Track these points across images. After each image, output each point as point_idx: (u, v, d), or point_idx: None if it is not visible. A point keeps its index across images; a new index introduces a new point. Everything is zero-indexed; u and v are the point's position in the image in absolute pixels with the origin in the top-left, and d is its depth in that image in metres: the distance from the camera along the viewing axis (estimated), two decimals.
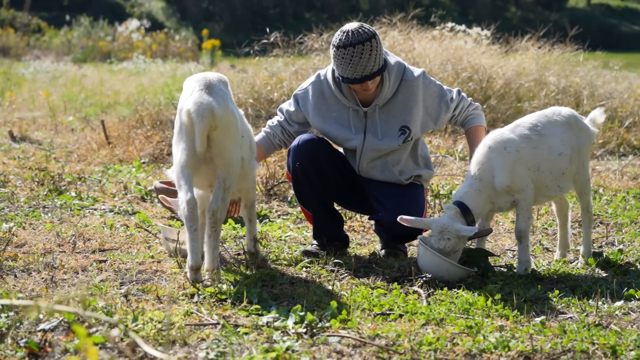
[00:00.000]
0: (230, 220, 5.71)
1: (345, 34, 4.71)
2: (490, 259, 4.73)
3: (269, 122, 5.12)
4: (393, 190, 4.98)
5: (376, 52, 4.70)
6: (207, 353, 3.30)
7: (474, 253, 4.65)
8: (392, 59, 4.90)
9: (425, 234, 4.78)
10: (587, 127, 4.82)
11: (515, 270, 4.66)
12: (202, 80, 4.21)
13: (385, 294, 4.23)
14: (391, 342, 3.49)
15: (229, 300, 3.98)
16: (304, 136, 4.94)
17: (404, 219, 4.55)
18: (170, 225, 5.31)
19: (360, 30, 4.70)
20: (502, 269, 4.75)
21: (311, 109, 4.98)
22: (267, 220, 6.05)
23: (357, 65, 4.70)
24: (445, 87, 5.00)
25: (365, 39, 4.68)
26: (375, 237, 5.56)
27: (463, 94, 5.02)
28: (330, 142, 5.05)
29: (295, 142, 4.94)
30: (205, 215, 4.37)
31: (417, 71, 4.93)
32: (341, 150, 5.12)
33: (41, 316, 3.51)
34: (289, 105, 5.08)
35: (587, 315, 3.92)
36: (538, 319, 3.78)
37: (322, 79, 4.98)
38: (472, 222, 4.52)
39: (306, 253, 4.94)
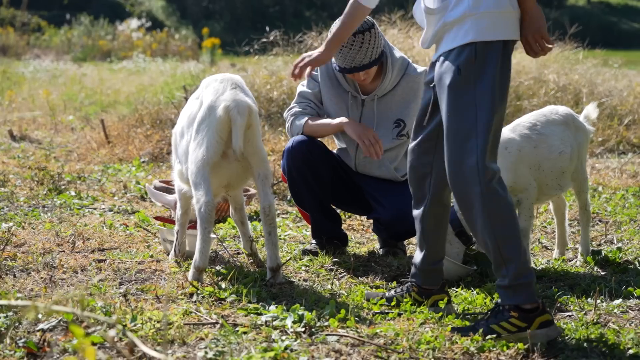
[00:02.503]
0: (229, 219, 5.71)
1: None
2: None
3: (297, 111, 5.00)
4: (390, 189, 4.99)
5: (368, 44, 4.72)
6: (206, 352, 3.30)
7: (481, 257, 4.64)
8: (397, 53, 4.93)
9: None
10: (583, 125, 4.84)
11: None
12: (230, 80, 4.31)
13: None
14: (390, 341, 3.50)
15: (228, 300, 3.98)
16: (297, 137, 4.94)
17: None
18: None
19: None
20: None
21: (321, 84, 4.99)
22: None
23: (346, 55, 4.73)
24: None
25: (359, 31, 4.70)
26: (374, 236, 5.57)
27: None
28: (324, 144, 5.06)
29: (289, 144, 4.94)
30: (237, 212, 4.65)
31: (420, 68, 4.96)
32: (335, 150, 5.12)
33: (40, 316, 3.52)
34: (305, 87, 5.03)
35: (585, 314, 3.93)
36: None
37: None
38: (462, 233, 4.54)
39: (305, 252, 4.95)
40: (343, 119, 4.88)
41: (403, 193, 4.96)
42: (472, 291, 4.21)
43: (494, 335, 3.49)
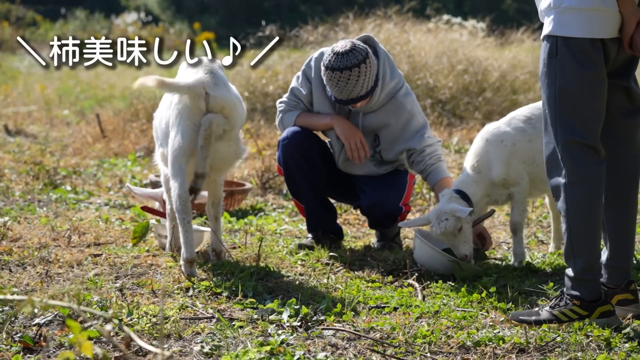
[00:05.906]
0: (225, 213, 5.71)
1: (335, 56, 4.66)
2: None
3: (287, 109, 5.00)
4: (374, 177, 4.99)
5: (364, 77, 4.67)
6: (202, 347, 3.30)
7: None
8: (393, 75, 4.86)
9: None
10: None
11: (510, 263, 4.67)
12: (205, 67, 4.37)
13: (380, 287, 4.24)
14: (386, 335, 3.50)
15: (224, 294, 3.98)
16: (292, 128, 4.94)
17: (403, 224, 4.76)
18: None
19: (350, 54, 4.64)
20: (497, 261, 4.76)
21: (314, 84, 4.96)
22: (262, 213, 6.06)
23: (343, 89, 4.69)
24: (428, 125, 4.96)
25: (354, 65, 4.63)
26: (370, 230, 5.56)
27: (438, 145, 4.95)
28: (317, 135, 5.06)
29: (283, 134, 4.94)
30: (214, 207, 4.60)
31: (409, 94, 4.93)
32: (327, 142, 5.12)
33: (36, 311, 3.51)
34: (298, 84, 5.01)
35: None
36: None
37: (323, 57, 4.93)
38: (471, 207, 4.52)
39: (301, 246, 4.95)
40: (333, 117, 4.88)
41: (386, 181, 4.96)
42: (468, 286, 4.21)
43: (553, 320, 3.59)
